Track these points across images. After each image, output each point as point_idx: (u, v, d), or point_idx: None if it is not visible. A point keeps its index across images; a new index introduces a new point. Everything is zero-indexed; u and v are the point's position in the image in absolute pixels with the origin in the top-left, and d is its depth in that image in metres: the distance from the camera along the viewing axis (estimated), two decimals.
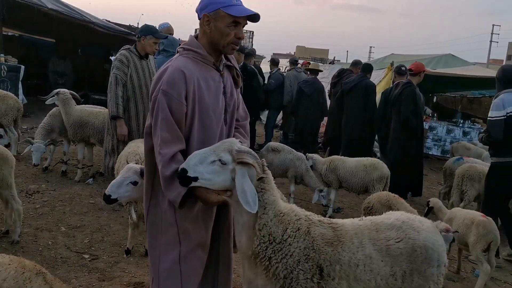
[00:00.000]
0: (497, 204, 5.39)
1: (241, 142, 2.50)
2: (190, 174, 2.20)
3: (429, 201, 5.33)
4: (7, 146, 7.14)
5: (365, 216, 2.82)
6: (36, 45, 16.98)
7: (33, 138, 6.66)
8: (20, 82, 10.94)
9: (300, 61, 14.67)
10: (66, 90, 6.78)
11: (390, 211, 2.85)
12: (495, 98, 5.39)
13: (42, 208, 5.44)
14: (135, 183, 3.13)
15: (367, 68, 8.75)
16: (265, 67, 12.76)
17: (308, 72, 9.99)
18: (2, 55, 11.01)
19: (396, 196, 4.82)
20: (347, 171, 6.36)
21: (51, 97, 6.56)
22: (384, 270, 2.49)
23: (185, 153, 2.42)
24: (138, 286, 3.92)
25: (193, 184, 2.23)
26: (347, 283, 2.42)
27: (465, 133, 12.65)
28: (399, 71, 8.13)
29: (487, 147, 10.37)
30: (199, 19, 2.47)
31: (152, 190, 2.60)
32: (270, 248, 2.35)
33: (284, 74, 10.60)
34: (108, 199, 3.13)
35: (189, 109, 2.41)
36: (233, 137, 2.68)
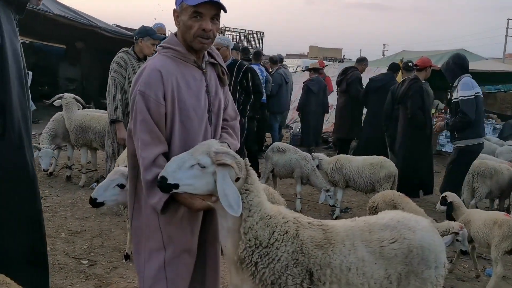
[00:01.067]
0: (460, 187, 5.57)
1: (225, 142, 2.40)
2: (170, 181, 2.11)
3: (446, 196, 4.91)
4: None
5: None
6: (47, 52, 17.11)
7: (39, 144, 6.66)
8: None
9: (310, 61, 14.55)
10: (69, 94, 6.80)
11: (386, 211, 2.73)
12: (459, 81, 5.49)
13: (43, 214, 5.39)
14: (122, 186, 3.05)
15: (395, 67, 8.65)
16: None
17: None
18: None
19: (402, 195, 4.68)
20: (354, 170, 6.22)
21: (55, 100, 6.56)
22: (378, 273, 2.36)
23: (168, 156, 2.33)
24: None
25: (175, 191, 2.14)
26: (339, 287, 2.31)
27: None
28: (406, 67, 7.97)
29: (501, 142, 10.22)
30: None
31: (135, 195, 2.52)
32: (256, 252, 2.25)
33: (283, 73, 10.46)
34: (94, 203, 3.05)
35: (169, 109, 2.31)
36: (220, 137, 2.58)
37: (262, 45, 20.63)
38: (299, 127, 11.27)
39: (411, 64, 7.76)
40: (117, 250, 4.63)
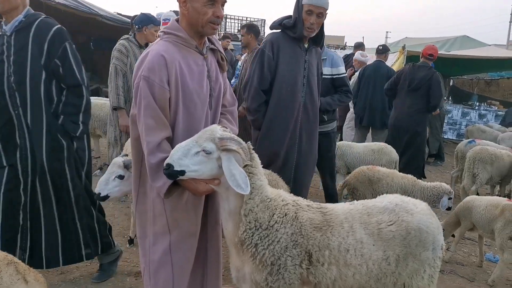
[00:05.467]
0: None
1: (225, 128, 2.42)
2: (176, 168, 2.14)
3: None
4: None
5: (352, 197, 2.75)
6: None
7: None
8: None
9: None
10: None
11: (385, 194, 2.76)
12: (327, 53, 4.66)
13: None
14: (121, 177, 3.11)
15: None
16: None
17: None
18: None
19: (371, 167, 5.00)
20: (355, 157, 6.25)
21: None
22: (376, 254, 2.41)
23: (171, 140, 2.37)
24: (140, 275, 3.89)
25: (181, 177, 2.18)
26: (337, 268, 2.36)
27: (481, 116, 12.37)
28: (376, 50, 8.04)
29: (503, 129, 10.23)
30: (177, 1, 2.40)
31: (140, 179, 2.55)
32: (256, 234, 2.30)
33: None
34: (99, 197, 3.15)
35: (173, 94, 2.34)
36: (219, 123, 2.61)
37: (264, 33, 20.52)
38: None
39: (381, 47, 8.05)
40: (120, 235, 4.70)
